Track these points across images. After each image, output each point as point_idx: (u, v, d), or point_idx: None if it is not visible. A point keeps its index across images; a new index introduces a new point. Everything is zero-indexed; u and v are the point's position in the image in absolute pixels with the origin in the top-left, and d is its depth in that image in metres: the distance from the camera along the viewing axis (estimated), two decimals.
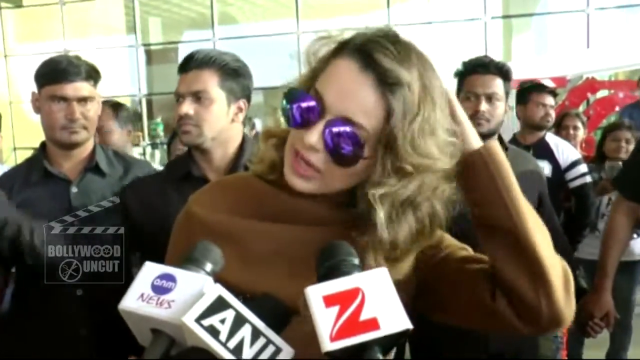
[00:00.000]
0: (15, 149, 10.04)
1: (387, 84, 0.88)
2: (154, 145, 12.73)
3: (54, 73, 1.92)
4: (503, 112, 2.26)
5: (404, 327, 0.69)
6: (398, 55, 0.90)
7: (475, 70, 2.26)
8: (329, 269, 0.75)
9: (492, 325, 1.01)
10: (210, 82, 1.72)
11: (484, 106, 2.19)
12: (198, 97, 1.71)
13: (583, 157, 3.85)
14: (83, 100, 1.93)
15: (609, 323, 2.36)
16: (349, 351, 0.67)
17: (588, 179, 3.62)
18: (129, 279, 1.67)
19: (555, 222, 2.49)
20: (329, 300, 0.69)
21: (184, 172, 1.78)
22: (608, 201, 3.65)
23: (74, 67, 1.93)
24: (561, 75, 6.74)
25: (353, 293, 0.70)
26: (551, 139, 3.70)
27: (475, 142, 0.97)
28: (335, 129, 0.89)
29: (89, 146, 2.02)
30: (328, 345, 0.67)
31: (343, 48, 0.93)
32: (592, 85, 6.82)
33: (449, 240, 1.05)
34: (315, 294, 0.70)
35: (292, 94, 0.94)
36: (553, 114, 3.77)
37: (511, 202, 0.93)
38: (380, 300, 0.70)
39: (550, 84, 4.81)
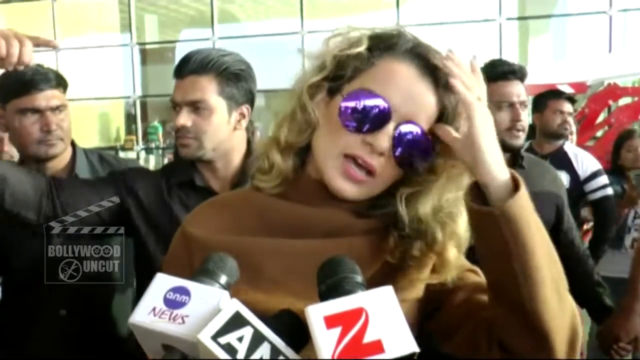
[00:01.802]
0: None
1: (444, 87, 0.93)
2: (148, 150, 12.74)
3: (21, 84, 1.83)
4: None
5: (410, 350, 0.68)
6: None
7: None
8: (331, 287, 0.74)
9: None
10: (209, 90, 1.63)
11: None
12: (196, 107, 1.63)
13: None
14: (56, 109, 1.87)
15: (637, 348, 2.31)
16: None
17: (609, 191, 3.59)
18: None
19: (576, 237, 2.46)
20: (331, 321, 0.68)
21: (186, 180, 1.72)
22: (635, 215, 3.64)
23: (41, 75, 1.85)
24: (581, 80, 6.73)
25: (356, 313, 0.69)
26: (570, 148, 3.67)
27: (495, 195, 0.85)
28: (406, 133, 0.91)
29: (65, 157, 1.97)
30: None
31: (390, 49, 0.94)
32: (614, 91, 6.80)
33: (462, 259, 1.01)
34: (316, 314, 0.69)
35: (350, 93, 0.93)
36: (572, 121, 3.77)
37: (525, 278, 0.83)
38: (385, 321, 0.69)
39: (568, 89, 4.82)
